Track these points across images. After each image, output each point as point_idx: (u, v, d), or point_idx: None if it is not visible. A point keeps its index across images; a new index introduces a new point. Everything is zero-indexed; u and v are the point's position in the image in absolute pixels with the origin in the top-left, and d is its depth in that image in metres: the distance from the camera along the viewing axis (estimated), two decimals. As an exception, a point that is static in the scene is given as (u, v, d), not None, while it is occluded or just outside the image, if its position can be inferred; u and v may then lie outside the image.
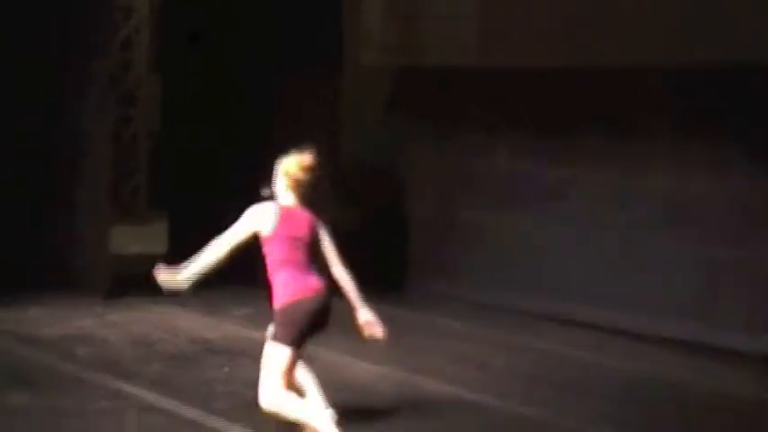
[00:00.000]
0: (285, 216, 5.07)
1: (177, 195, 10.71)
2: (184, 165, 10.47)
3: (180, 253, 11.24)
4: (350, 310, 7.04)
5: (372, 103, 10.09)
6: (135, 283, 9.07)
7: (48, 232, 8.87)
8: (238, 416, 5.48)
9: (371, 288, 9.19)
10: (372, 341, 5.13)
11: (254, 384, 5.42)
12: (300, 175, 5.10)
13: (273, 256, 5.06)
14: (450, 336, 7.96)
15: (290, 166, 5.10)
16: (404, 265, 9.74)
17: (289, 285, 5.00)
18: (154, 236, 11.01)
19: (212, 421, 5.46)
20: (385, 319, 8.44)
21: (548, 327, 8.29)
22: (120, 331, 7.44)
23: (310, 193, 5.10)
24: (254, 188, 10.26)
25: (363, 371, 6.67)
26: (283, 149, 9.89)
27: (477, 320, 8.38)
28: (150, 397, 5.80)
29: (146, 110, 14.09)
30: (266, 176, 5.31)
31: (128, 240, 10.77)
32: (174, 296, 8.71)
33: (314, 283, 5.04)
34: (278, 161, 5.19)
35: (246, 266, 9.43)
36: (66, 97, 8.82)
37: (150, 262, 11.01)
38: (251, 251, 5.31)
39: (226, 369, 6.46)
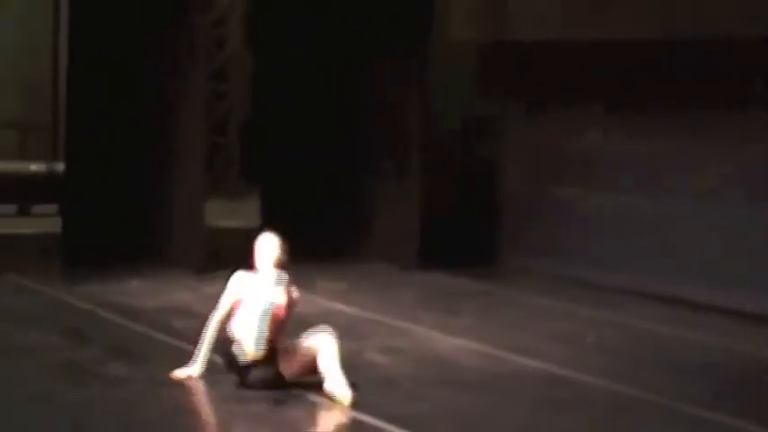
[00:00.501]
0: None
1: (270, 169, 10.86)
2: (276, 139, 10.60)
3: (273, 226, 11.44)
4: (433, 295, 7.11)
5: (462, 79, 10.04)
6: (229, 256, 9.28)
7: (145, 206, 9.09)
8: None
9: (462, 263, 9.31)
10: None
11: (344, 358, 5.51)
12: (285, 256, 5.59)
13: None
14: (540, 312, 7.93)
15: (279, 251, 5.59)
16: (495, 241, 9.72)
17: None
18: (247, 210, 11.18)
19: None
20: (476, 293, 8.53)
21: (638, 303, 8.21)
22: (214, 305, 7.59)
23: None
24: (341, 163, 10.37)
25: (453, 345, 6.71)
26: (371, 127, 9.99)
27: (568, 297, 8.34)
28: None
29: (238, 84, 14.27)
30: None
31: (221, 214, 10.96)
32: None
33: None
34: (260, 240, 5.65)
35: (336, 242, 9.63)
36: (161, 72, 8.99)
37: (244, 236, 11.21)
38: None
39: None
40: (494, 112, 9.82)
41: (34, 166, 11.37)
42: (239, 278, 5.55)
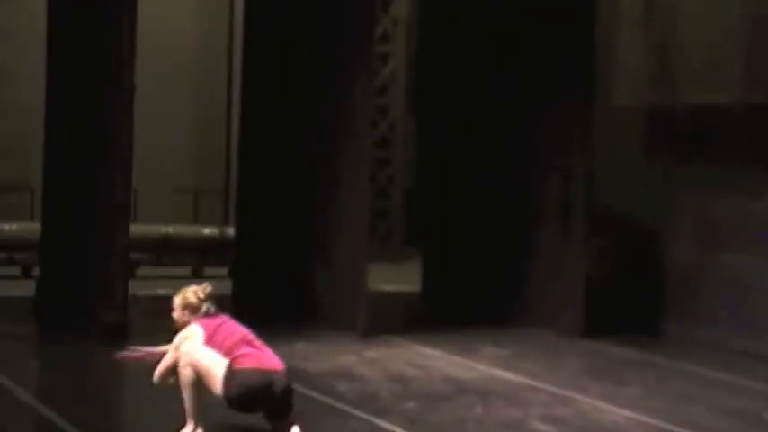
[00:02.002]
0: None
1: (430, 235, 10.92)
2: (439, 204, 10.67)
3: (432, 290, 11.49)
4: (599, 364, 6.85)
5: (626, 145, 9.88)
6: (391, 320, 9.34)
7: (310, 271, 9.27)
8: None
9: (628, 333, 9.06)
10: None
11: (506, 425, 5.42)
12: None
13: None
14: (711, 385, 7.62)
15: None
16: (661, 311, 9.44)
17: None
18: (408, 274, 11.25)
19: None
20: (641, 364, 8.27)
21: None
22: (377, 368, 7.64)
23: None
24: (503, 227, 10.25)
25: (621, 417, 6.50)
26: (537, 193, 9.87)
27: (740, 370, 7.98)
28: (405, 434, 5.92)
29: (401, 151, 14.52)
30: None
31: (384, 278, 11.07)
32: (429, 334, 8.95)
33: None
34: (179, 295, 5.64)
35: (496, 307, 9.55)
36: (328, 141, 9.21)
37: (406, 299, 11.23)
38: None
39: (479, 410, 6.48)
40: (660, 179, 9.61)
41: (207, 230, 11.83)
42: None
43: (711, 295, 9.05)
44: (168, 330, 5.66)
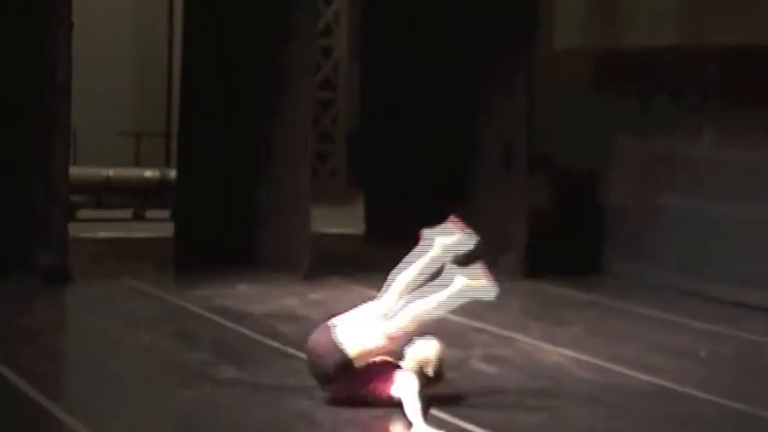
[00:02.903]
0: None
1: (374, 177, 10.91)
2: (382, 147, 10.65)
3: (376, 233, 11.52)
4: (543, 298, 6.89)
5: (567, 88, 9.92)
6: (335, 262, 9.35)
7: (253, 213, 9.22)
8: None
9: (569, 272, 9.17)
10: None
11: (449, 366, 5.47)
12: None
13: None
14: (648, 323, 7.75)
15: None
16: (602, 250, 9.56)
17: None
18: (352, 216, 11.24)
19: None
20: (582, 304, 8.38)
21: (749, 316, 7.95)
22: (320, 310, 7.65)
23: None
24: (444, 169, 10.30)
25: (562, 357, 6.60)
26: (479, 135, 9.91)
27: (676, 308, 8.13)
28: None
29: (345, 94, 14.42)
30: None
31: (328, 221, 11.05)
32: (373, 276, 8.98)
33: None
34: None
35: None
36: (270, 82, 9.12)
37: (349, 241, 11.25)
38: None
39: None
40: (601, 120, 9.66)
41: (148, 173, 11.68)
42: None
43: (652, 235, 9.18)
44: (106, 274, 5.57)
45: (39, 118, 8.22)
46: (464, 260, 5.56)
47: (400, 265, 5.41)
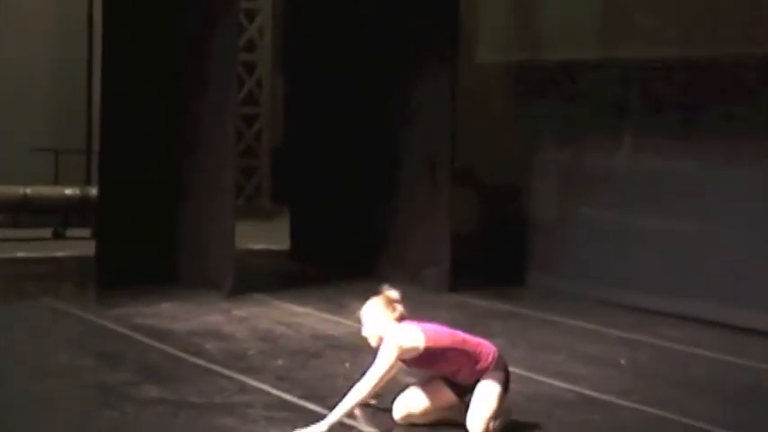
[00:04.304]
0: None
1: (299, 192, 10.92)
2: (306, 162, 10.67)
3: (301, 249, 11.51)
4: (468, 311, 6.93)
5: (489, 102, 10.05)
6: (259, 278, 9.32)
7: (176, 229, 9.14)
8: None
9: (492, 284, 9.28)
10: None
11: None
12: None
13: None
14: (569, 333, 7.89)
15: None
16: (526, 264, 9.70)
17: None
18: (277, 232, 11.22)
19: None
20: (506, 315, 8.49)
21: (669, 325, 8.15)
22: (245, 327, 7.63)
23: None
24: (370, 184, 10.39)
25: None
26: (402, 150, 10.00)
27: (600, 318, 8.29)
28: (274, 391, 5.94)
29: (268, 109, 14.42)
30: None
31: (252, 237, 11.02)
32: (297, 292, 8.96)
33: None
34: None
35: (365, 264, 9.64)
36: (192, 98, 9.07)
37: (274, 257, 11.20)
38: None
39: (347, 365, 6.55)
40: (523, 133, 9.81)
41: (69, 190, 11.51)
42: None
43: (573, 247, 9.34)
44: (24, 295, 5.49)
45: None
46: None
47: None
